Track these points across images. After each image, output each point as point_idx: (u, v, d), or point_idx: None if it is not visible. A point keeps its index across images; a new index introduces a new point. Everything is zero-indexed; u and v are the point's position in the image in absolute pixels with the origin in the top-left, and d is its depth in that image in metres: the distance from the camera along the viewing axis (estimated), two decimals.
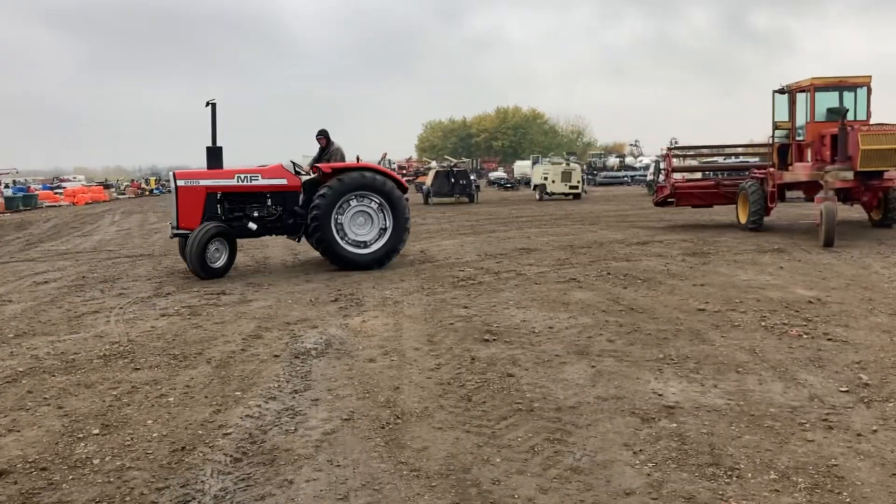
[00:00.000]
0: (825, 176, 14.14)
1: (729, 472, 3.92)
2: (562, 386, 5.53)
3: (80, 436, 4.79)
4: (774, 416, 4.76)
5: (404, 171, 56.42)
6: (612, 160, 65.14)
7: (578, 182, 32.89)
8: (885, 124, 14.24)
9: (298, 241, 12.93)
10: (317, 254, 13.28)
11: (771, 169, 16.54)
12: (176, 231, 11.80)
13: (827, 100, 15.88)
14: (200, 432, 4.78)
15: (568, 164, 34.43)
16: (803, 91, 15.88)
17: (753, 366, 5.89)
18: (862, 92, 15.66)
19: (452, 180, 32.51)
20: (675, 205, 18.61)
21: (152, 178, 69.71)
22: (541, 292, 9.32)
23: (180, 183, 11.72)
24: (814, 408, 4.89)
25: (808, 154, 15.68)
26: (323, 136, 13.19)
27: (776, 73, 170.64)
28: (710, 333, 6.97)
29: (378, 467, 4.17)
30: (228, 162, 12.38)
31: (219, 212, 11.98)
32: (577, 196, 32.88)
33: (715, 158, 25.96)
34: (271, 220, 12.27)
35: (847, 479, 3.79)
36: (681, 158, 19.44)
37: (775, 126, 16.61)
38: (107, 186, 59.93)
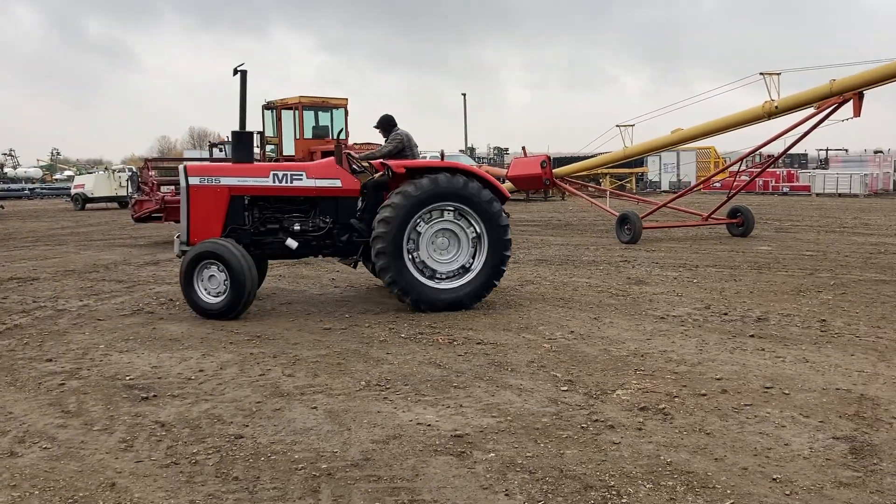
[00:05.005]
0: None
1: (613, 492, 3.79)
2: (316, 437, 4.63)
3: None
4: (555, 426, 4.78)
5: None
6: None
7: None
8: (372, 144, 15.74)
9: (355, 266, 9.56)
10: None
11: None
12: (185, 248, 8.42)
13: (309, 118, 16.83)
14: None
15: None
16: (290, 108, 16.49)
17: (456, 378, 5.84)
18: (339, 112, 17.03)
19: None
20: (163, 220, 17.30)
21: None
22: (124, 330, 7.66)
23: (193, 181, 8.51)
24: (569, 411, 5.07)
25: None
26: (381, 126, 9.53)
27: (127, 86, 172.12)
28: (374, 352, 6.68)
29: None
30: None
31: (246, 222, 8.71)
32: None
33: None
34: (318, 236, 8.86)
35: (697, 473, 4.02)
36: (159, 171, 18.14)
37: (265, 141, 16.89)
38: None
